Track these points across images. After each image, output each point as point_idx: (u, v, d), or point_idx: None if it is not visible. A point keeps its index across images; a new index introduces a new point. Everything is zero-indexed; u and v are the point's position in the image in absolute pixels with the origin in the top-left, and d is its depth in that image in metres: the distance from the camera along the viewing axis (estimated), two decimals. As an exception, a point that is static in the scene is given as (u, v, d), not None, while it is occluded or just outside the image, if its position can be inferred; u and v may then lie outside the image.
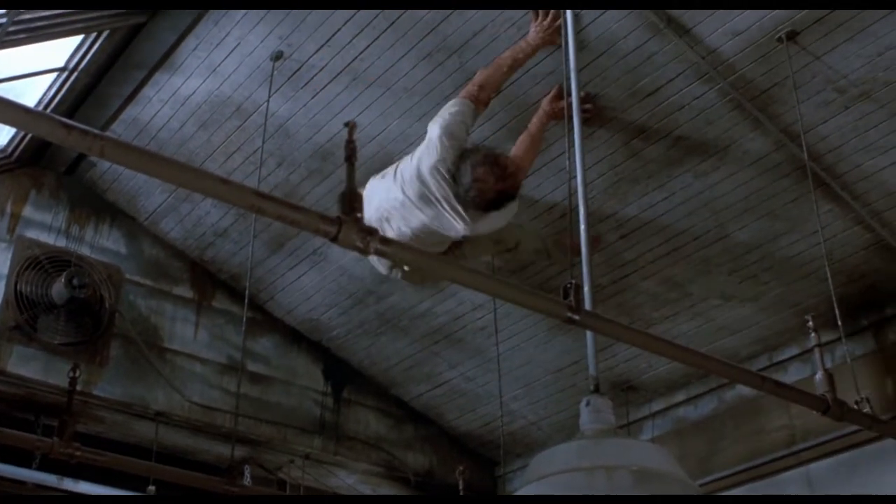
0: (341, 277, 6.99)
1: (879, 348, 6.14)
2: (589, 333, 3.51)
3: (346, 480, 7.78)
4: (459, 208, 4.99)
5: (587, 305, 3.29)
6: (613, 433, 3.37)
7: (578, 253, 3.53)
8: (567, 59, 3.89)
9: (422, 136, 5.75)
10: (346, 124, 2.87)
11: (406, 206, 5.12)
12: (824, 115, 5.20)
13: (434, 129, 5.00)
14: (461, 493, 7.03)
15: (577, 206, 3.79)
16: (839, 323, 4.70)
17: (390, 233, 5.19)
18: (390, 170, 5.29)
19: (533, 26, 5.09)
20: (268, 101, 5.71)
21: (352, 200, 2.65)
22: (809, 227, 5.62)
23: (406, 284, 6.79)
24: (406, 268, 5.51)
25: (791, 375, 6.45)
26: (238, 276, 7.17)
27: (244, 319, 6.44)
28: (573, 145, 3.93)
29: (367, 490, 7.89)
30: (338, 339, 7.57)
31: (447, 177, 4.95)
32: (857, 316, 6.16)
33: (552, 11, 5.02)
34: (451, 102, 5.08)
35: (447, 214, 5.03)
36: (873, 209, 5.63)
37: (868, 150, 5.33)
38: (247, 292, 6.21)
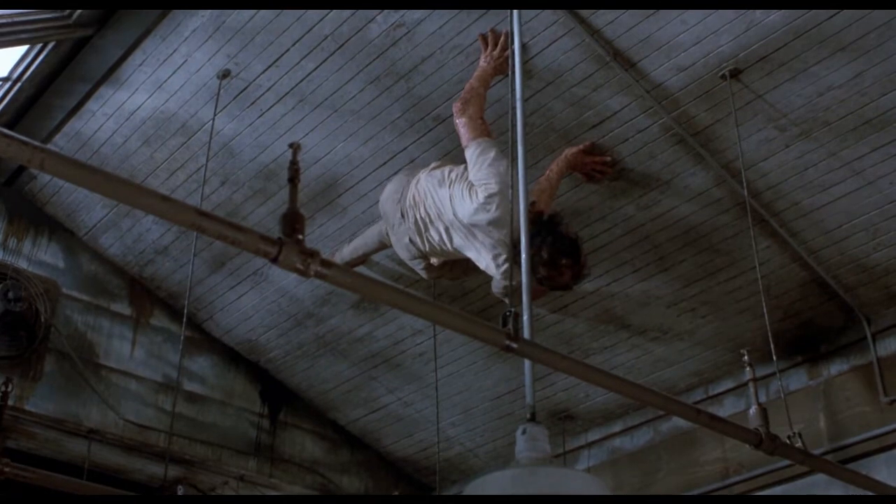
0: (281, 299, 6.96)
1: (813, 384, 6.22)
2: (527, 362, 3.51)
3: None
4: (500, 260, 4.99)
5: (526, 334, 3.30)
6: (549, 462, 3.38)
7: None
8: (513, 90, 3.90)
9: (367, 159, 5.79)
10: (291, 145, 2.85)
11: (455, 230, 5.14)
12: (765, 152, 5.28)
13: (490, 183, 4.88)
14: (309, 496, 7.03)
15: (518, 236, 3.81)
16: (774, 358, 4.75)
17: (433, 232, 5.28)
18: (451, 180, 5.18)
19: (483, 56, 5.12)
20: (213, 119, 5.69)
21: (293, 221, 2.63)
22: (748, 262, 5.68)
23: (346, 308, 6.79)
24: (434, 261, 5.54)
25: (726, 409, 6.50)
26: (177, 294, 7.11)
27: (182, 338, 6.38)
28: (516, 175, 3.95)
29: (300, 514, 7.84)
30: (276, 360, 7.53)
31: (506, 228, 4.85)
32: (792, 351, 6.24)
33: (500, 41, 5.06)
34: (477, 150, 4.96)
35: (487, 255, 5.04)
36: (810, 247, 5.71)
37: (806, 188, 5.41)
38: (185, 311, 6.15)
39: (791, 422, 4.46)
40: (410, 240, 5.42)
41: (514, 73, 3.92)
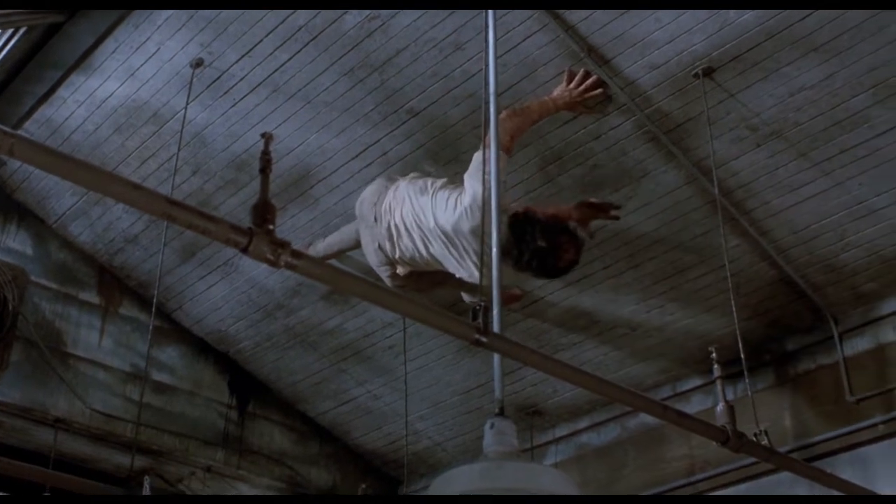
0: (251, 290, 6.94)
1: (780, 383, 6.26)
2: (496, 356, 3.52)
3: (248, 495, 7.71)
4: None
5: (495, 328, 3.31)
6: (516, 456, 3.38)
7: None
8: (487, 83, 3.90)
9: (340, 151, 5.78)
10: (263, 135, 2.85)
11: (432, 237, 5.12)
12: (736, 151, 5.31)
13: (479, 190, 4.76)
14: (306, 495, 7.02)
15: (490, 229, 3.81)
16: (742, 356, 4.78)
17: (405, 240, 5.25)
18: (435, 188, 5.19)
19: (561, 88, 5.07)
20: (185, 108, 5.65)
21: (264, 211, 2.63)
22: (717, 260, 5.70)
23: (317, 300, 6.78)
24: (400, 270, 5.50)
25: (694, 406, 6.53)
26: (147, 283, 7.07)
27: (150, 328, 6.35)
28: (489, 170, 3.96)
29: (268, 506, 7.82)
30: (245, 351, 7.51)
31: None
32: (759, 350, 6.28)
33: (587, 82, 5.02)
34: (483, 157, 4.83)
35: (469, 263, 5.03)
36: (779, 246, 5.74)
37: (777, 188, 5.45)
38: (155, 300, 6.13)
39: (757, 420, 4.48)
40: (380, 245, 5.41)
41: (487, 67, 3.93)
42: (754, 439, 4.14)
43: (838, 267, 5.80)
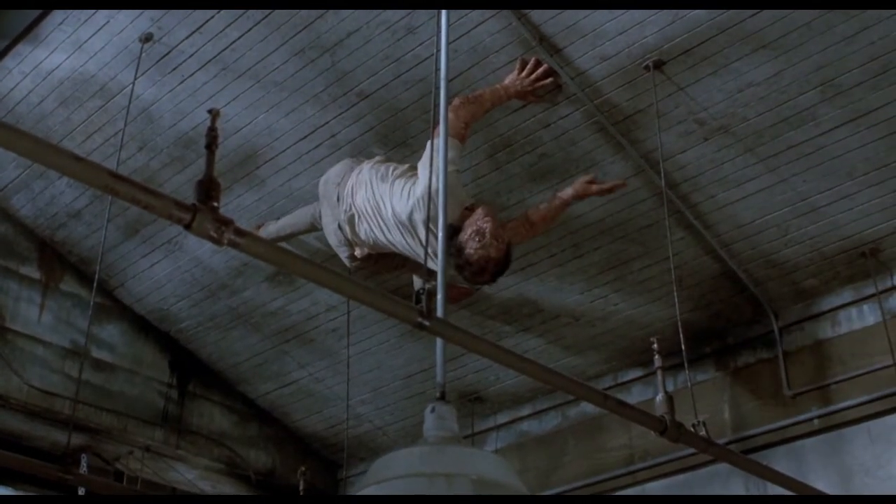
0: (195, 269, 6.88)
1: (720, 375, 6.32)
2: (438, 341, 3.52)
3: (186, 475, 7.65)
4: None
5: (439, 313, 3.30)
6: (456, 441, 3.39)
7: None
8: (438, 68, 3.89)
9: (288, 132, 5.74)
10: (210, 112, 2.81)
11: (390, 225, 5.05)
12: (684, 145, 5.34)
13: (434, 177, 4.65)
14: (301, 495, 7.00)
15: (435, 214, 3.81)
16: (683, 348, 4.81)
17: (364, 224, 5.19)
18: (394, 176, 5.10)
19: (513, 76, 5.07)
20: (133, 83, 5.58)
21: (209, 188, 2.60)
22: (662, 252, 5.75)
23: (261, 281, 6.75)
24: (358, 253, 5.43)
25: (634, 396, 6.58)
26: (89, 259, 6.99)
27: (91, 304, 6.28)
28: (437, 154, 3.95)
29: (206, 486, 7.77)
30: (187, 331, 7.45)
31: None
32: (700, 342, 6.33)
33: (538, 71, 5.03)
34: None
35: (420, 250, 4.91)
36: (723, 240, 5.79)
37: (722, 183, 5.49)
38: (96, 277, 6.04)
39: (696, 411, 4.52)
40: (339, 226, 5.37)
41: (439, 52, 3.92)
42: (693, 430, 4.17)
43: (780, 262, 5.86)
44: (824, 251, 5.75)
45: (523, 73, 5.07)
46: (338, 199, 5.35)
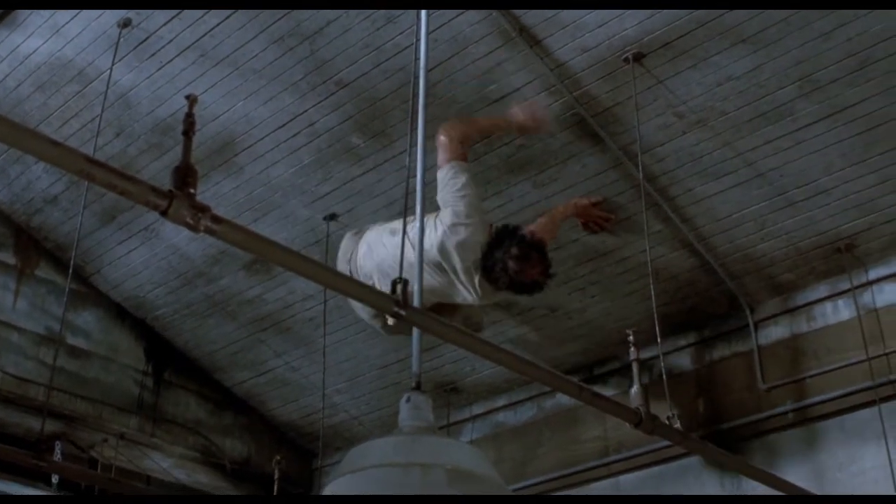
0: (172, 256, 6.86)
1: (695, 368, 6.34)
2: (415, 330, 3.52)
3: (161, 463, 7.63)
4: (475, 281, 4.99)
5: (415, 302, 3.31)
6: (431, 431, 3.39)
7: None
8: (417, 58, 3.89)
9: (266, 119, 5.72)
10: (188, 98, 2.81)
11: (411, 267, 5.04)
12: (662, 137, 5.35)
13: (458, 206, 4.94)
14: (276, 483, 6.99)
15: (413, 205, 3.81)
16: (659, 341, 4.83)
17: (386, 285, 5.16)
18: (398, 228, 5.09)
19: (515, 109, 5.18)
20: (111, 68, 5.55)
21: (186, 175, 2.59)
22: (639, 245, 5.76)
23: (238, 269, 6.73)
24: (390, 322, 5.42)
25: (610, 388, 6.59)
26: (65, 245, 6.95)
27: (67, 291, 6.24)
28: (415, 144, 3.95)
29: (181, 475, 7.74)
30: (163, 318, 7.43)
31: (473, 253, 4.95)
32: (676, 335, 6.35)
33: (537, 113, 5.16)
34: (449, 171, 5.00)
35: (459, 284, 5.03)
36: (700, 233, 5.81)
37: (700, 176, 5.51)
38: (72, 263, 6.01)
39: (671, 404, 4.54)
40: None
41: (418, 41, 3.92)
42: (667, 422, 4.19)
43: (756, 257, 5.88)
44: (800, 246, 5.78)
45: (526, 109, 5.19)
46: (350, 274, 5.27)
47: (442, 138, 5.05)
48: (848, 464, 5.55)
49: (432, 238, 5.00)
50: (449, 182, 4.98)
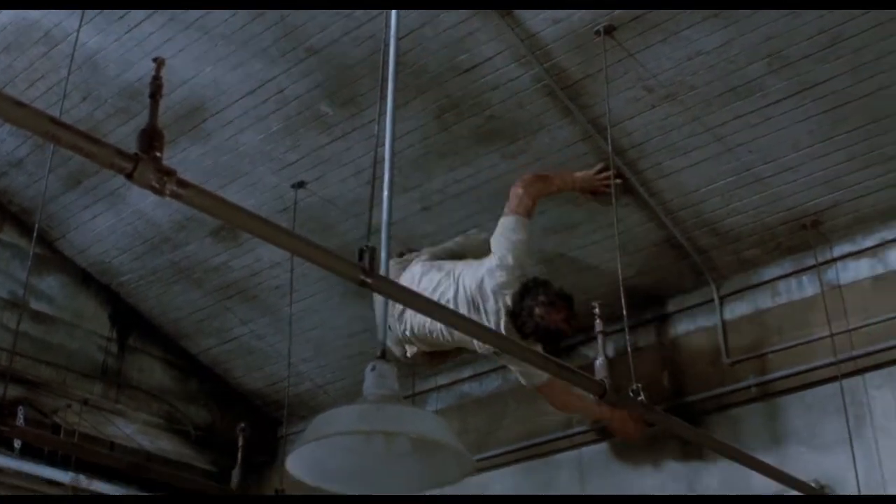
0: (138, 222, 6.81)
1: (659, 342, 6.37)
2: (380, 298, 3.52)
3: (125, 430, 7.60)
4: (501, 324, 5.25)
5: (382, 270, 3.30)
6: (396, 400, 3.39)
7: None
8: (388, 25, 3.87)
9: (235, 85, 5.68)
10: (155, 60, 2.78)
11: (447, 304, 5.29)
12: (632, 111, 5.35)
13: (507, 255, 5.26)
14: (241, 451, 6.98)
15: (382, 174, 3.80)
16: (625, 313, 4.84)
17: (415, 320, 5.47)
18: (445, 266, 5.50)
19: (586, 172, 5.58)
20: (78, 30, 5.47)
21: (152, 138, 2.57)
22: (606, 218, 5.76)
23: (204, 236, 6.70)
24: (408, 352, 5.77)
25: (575, 360, 6.61)
26: (30, 209, 6.90)
27: (31, 255, 6.19)
28: (385, 113, 3.93)
29: (144, 441, 7.72)
30: (128, 284, 7.39)
31: (508, 300, 5.23)
32: (642, 308, 6.37)
33: (610, 172, 5.41)
34: (513, 223, 5.32)
35: (488, 325, 5.24)
36: (668, 208, 5.82)
37: (669, 150, 5.51)
38: (36, 227, 5.96)
39: (636, 376, 4.55)
40: (389, 325, 5.48)
41: (389, 9, 3.89)
42: (631, 395, 4.21)
43: (723, 232, 5.90)
44: (767, 222, 5.80)
45: (594, 174, 5.56)
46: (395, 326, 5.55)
47: (519, 190, 5.37)
48: (809, 437, 5.60)
49: (475, 277, 5.32)
50: (509, 232, 5.32)
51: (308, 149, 5.99)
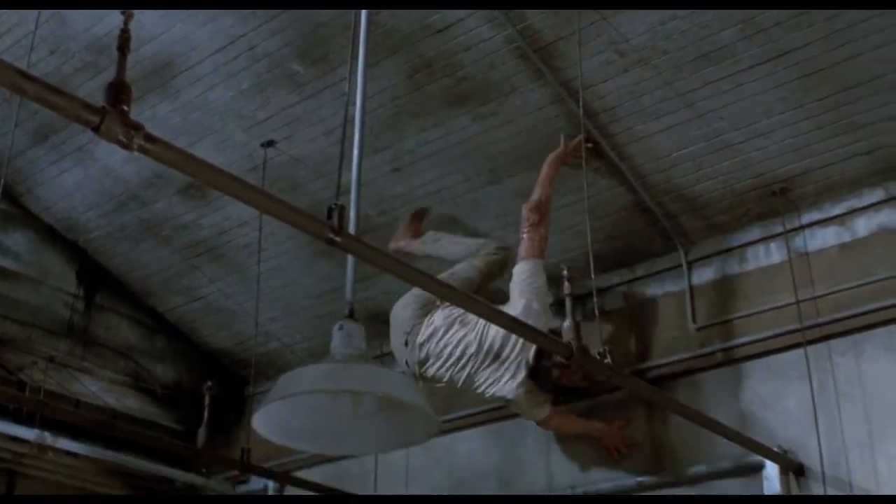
0: (105, 178, 6.75)
1: (627, 305, 6.39)
2: (349, 257, 3.51)
3: (91, 387, 7.57)
4: (520, 377, 5.50)
5: (351, 230, 3.29)
6: (363, 359, 3.40)
7: None
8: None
9: (205, 42, 5.62)
10: (123, 12, 2.75)
11: (471, 358, 5.62)
12: (604, 75, 5.34)
13: (532, 301, 5.41)
14: (207, 409, 6.98)
15: (352, 134, 3.79)
16: (593, 276, 4.85)
17: (432, 369, 5.78)
18: (469, 320, 5.64)
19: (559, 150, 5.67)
20: (46, -17, 5.42)
21: (119, 91, 2.54)
22: (576, 181, 5.75)
23: (173, 193, 6.66)
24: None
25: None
26: (-5, 164, 6.82)
27: (-4, 210, 6.15)
28: (356, 72, 3.92)
29: (110, 399, 7.69)
30: (96, 241, 7.34)
31: (531, 354, 5.45)
32: (610, 273, 6.39)
33: (580, 136, 5.40)
34: (532, 268, 5.55)
35: (506, 374, 5.56)
36: (638, 172, 5.83)
37: (640, 115, 5.51)
38: (2, 182, 5.90)
39: (603, 339, 4.58)
40: (407, 363, 5.90)
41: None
42: (598, 357, 4.23)
43: (692, 197, 5.92)
44: (736, 188, 5.81)
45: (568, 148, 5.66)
46: (406, 344, 5.82)
47: (530, 232, 5.62)
48: (773, 402, 5.65)
49: (496, 329, 5.45)
50: (530, 277, 5.51)
51: (278, 107, 5.94)
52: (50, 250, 7.42)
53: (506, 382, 5.57)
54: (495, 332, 5.49)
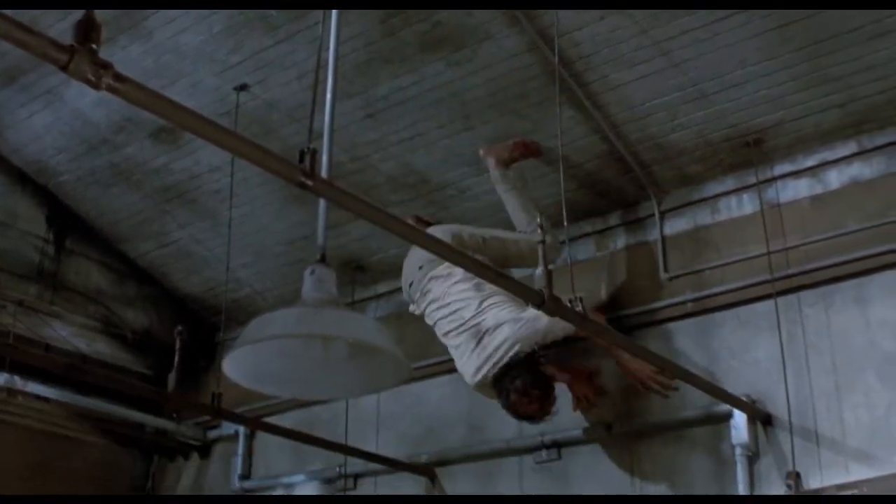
0: (76, 122, 6.67)
1: (599, 255, 6.41)
2: (321, 202, 3.49)
3: (61, 332, 7.54)
4: (485, 374, 5.53)
5: (324, 174, 3.27)
6: (334, 304, 3.39)
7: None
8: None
9: None
10: (94, -51, 2.70)
11: (461, 322, 5.67)
12: (580, 22, 5.29)
13: (541, 317, 5.11)
14: (178, 354, 6.96)
15: (325, 79, 3.76)
16: (565, 224, 4.85)
17: (424, 303, 5.95)
18: (485, 288, 5.63)
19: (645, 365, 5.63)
20: (14, -80, 5.32)
21: (88, 28, 2.50)
22: (550, 129, 5.74)
23: (144, 137, 6.60)
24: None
25: (515, 272, 6.61)
26: (-38, 106, 6.74)
27: (-36, 152, 6.09)
28: (330, 16, 3.88)
29: (81, 344, 7.65)
30: (66, 185, 7.28)
31: (507, 355, 5.45)
32: (582, 221, 6.39)
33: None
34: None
35: (474, 360, 5.55)
36: (613, 121, 5.81)
37: (616, 63, 5.48)
38: (-30, 123, 5.85)
39: (575, 289, 4.57)
40: (411, 298, 6.01)
41: None
42: (569, 305, 4.23)
43: (666, 147, 5.91)
44: (710, 138, 5.81)
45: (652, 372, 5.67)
46: (420, 269, 5.92)
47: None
48: (741, 352, 5.68)
49: (497, 318, 5.50)
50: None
51: (251, 51, 5.87)
52: (19, 193, 7.36)
53: (468, 366, 5.62)
54: (493, 321, 5.50)
